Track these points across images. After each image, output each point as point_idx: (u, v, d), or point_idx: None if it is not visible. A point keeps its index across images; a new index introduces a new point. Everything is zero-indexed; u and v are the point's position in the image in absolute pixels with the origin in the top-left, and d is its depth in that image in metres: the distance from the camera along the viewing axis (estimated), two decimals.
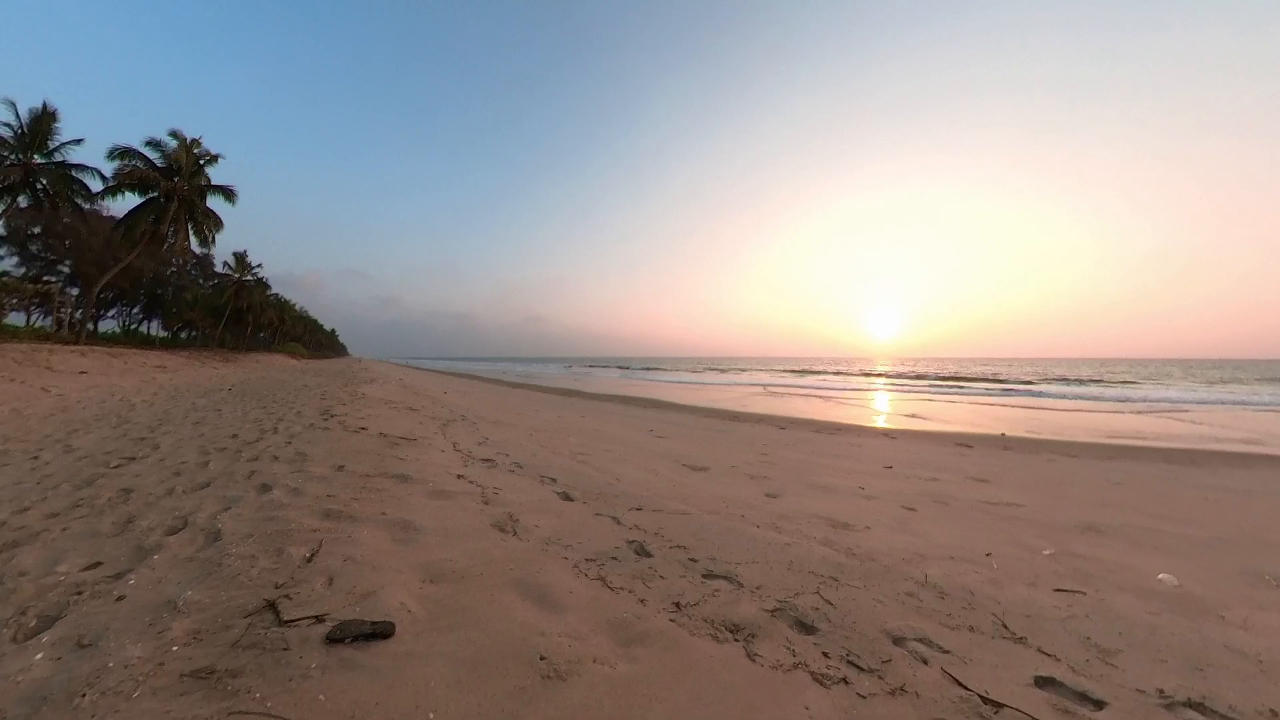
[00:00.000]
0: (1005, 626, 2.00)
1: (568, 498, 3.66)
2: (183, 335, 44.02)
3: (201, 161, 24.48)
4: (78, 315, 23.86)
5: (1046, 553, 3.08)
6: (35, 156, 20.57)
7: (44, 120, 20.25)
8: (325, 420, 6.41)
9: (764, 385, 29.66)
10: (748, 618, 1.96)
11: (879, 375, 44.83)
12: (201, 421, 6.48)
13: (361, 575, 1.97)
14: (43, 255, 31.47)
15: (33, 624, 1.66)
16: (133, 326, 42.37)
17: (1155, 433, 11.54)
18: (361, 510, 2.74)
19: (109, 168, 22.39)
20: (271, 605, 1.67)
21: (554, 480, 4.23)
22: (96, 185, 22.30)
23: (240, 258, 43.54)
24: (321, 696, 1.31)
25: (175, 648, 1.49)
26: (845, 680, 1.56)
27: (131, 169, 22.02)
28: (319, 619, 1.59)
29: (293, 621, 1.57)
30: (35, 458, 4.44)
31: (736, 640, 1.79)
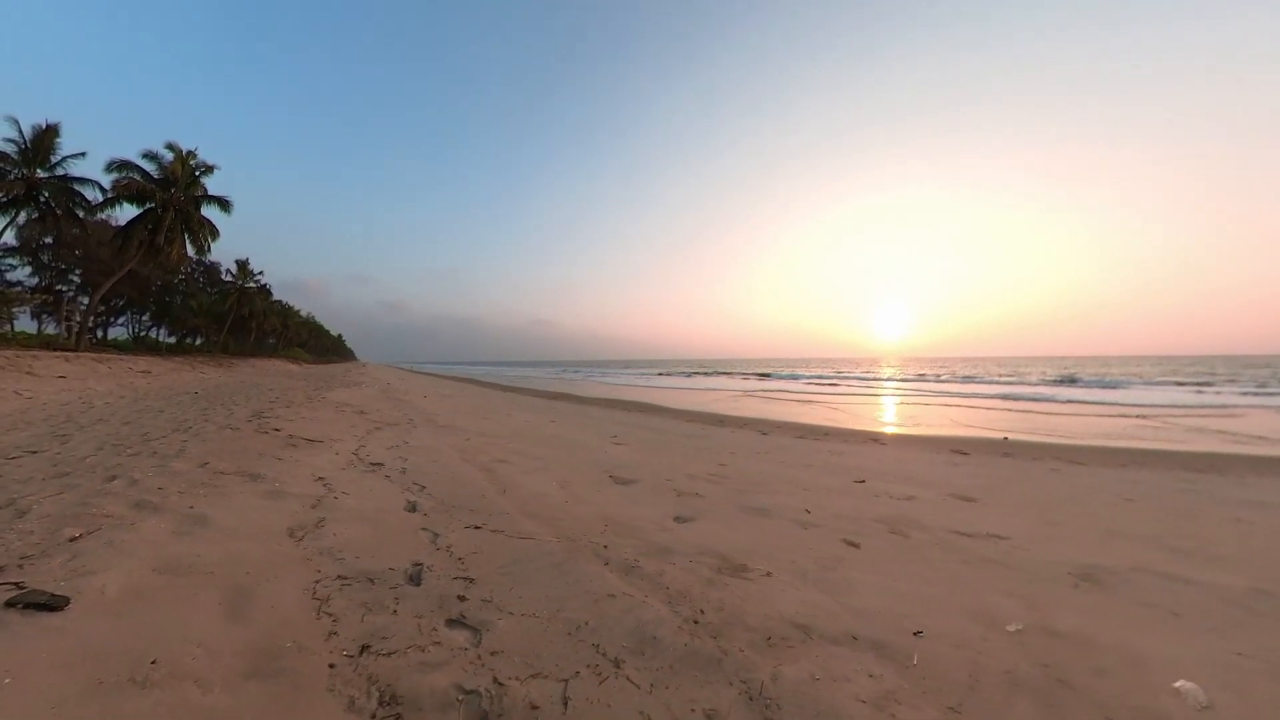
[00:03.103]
0: None
1: (412, 509, 3.68)
2: (188, 341, 45.66)
3: (197, 172, 25.60)
4: (83, 322, 25.06)
5: (1012, 629, 2.30)
6: (38, 171, 21.76)
7: (46, 135, 21.43)
8: (248, 421, 6.84)
9: (763, 388, 29.70)
10: (423, 693, 1.66)
11: (886, 377, 44.42)
12: (133, 421, 6.96)
13: (105, 557, 2.28)
14: (54, 265, 33.07)
15: None
16: (142, 333, 44.10)
17: (1175, 435, 10.83)
18: (175, 503, 3.09)
19: (108, 180, 23.57)
20: None
21: (423, 488, 4.24)
22: (97, 197, 23.49)
23: (242, 265, 45.11)
24: None
25: None
26: None
27: (128, 181, 23.15)
28: (18, 585, 1.93)
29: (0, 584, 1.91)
30: None
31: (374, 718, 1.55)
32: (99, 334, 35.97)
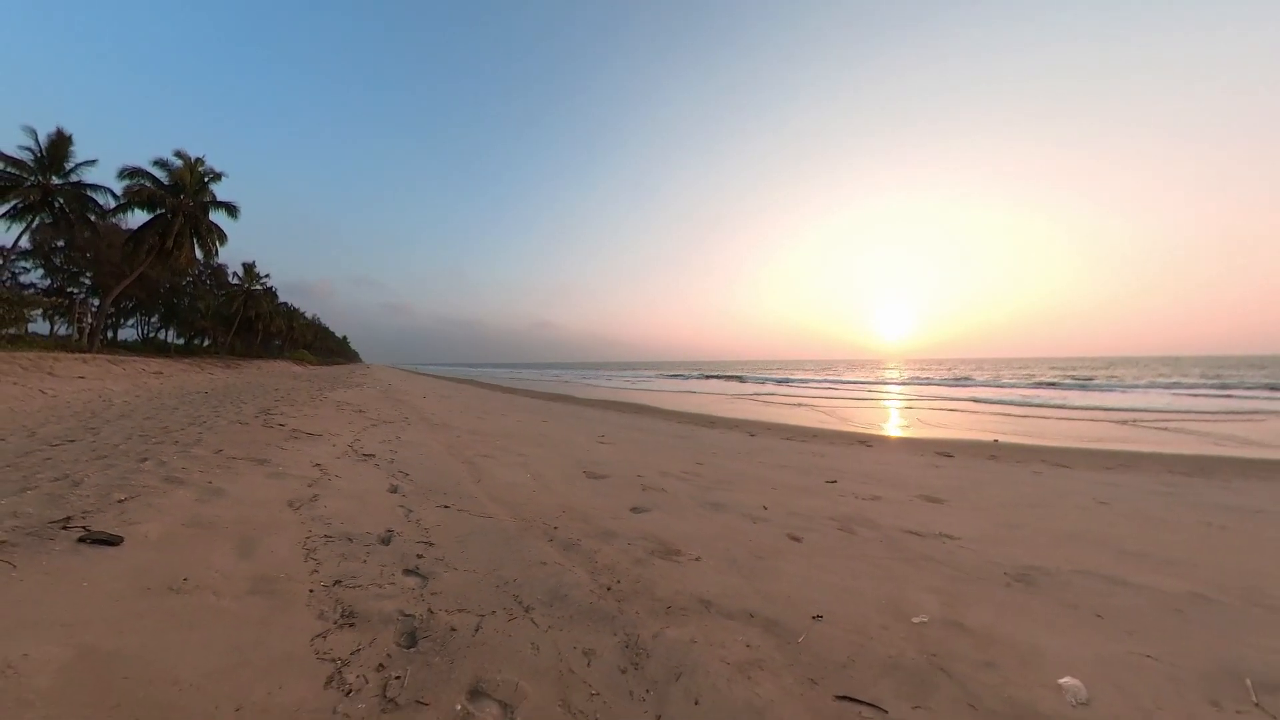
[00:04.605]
0: None
1: (394, 490, 4.27)
2: (196, 343, 47.12)
3: (206, 179, 26.73)
4: (94, 324, 26.27)
5: (917, 620, 2.39)
6: (53, 178, 22.94)
7: (60, 144, 22.60)
8: (255, 417, 7.60)
9: (762, 390, 30.22)
10: (373, 612, 2.20)
11: (887, 379, 44.60)
12: (153, 417, 7.75)
13: (146, 514, 2.99)
14: (65, 268, 34.50)
15: None
16: (151, 335, 45.60)
17: (1174, 439, 10.64)
18: (197, 479, 3.80)
19: (120, 186, 24.73)
20: (67, 518, 2.72)
21: (406, 475, 4.82)
22: (110, 203, 24.68)
23: (249, 268, 46.47)
24: (44, 561, 2.36)
25: None
26: None
27: (140, 188, 24.30)
28: (85, 528, 2.62)
29: (70, 527, 2.62)
30: (2, 440, 5.66)
31: (341, 625, 2.08)
32: (108, 335, 37.36)
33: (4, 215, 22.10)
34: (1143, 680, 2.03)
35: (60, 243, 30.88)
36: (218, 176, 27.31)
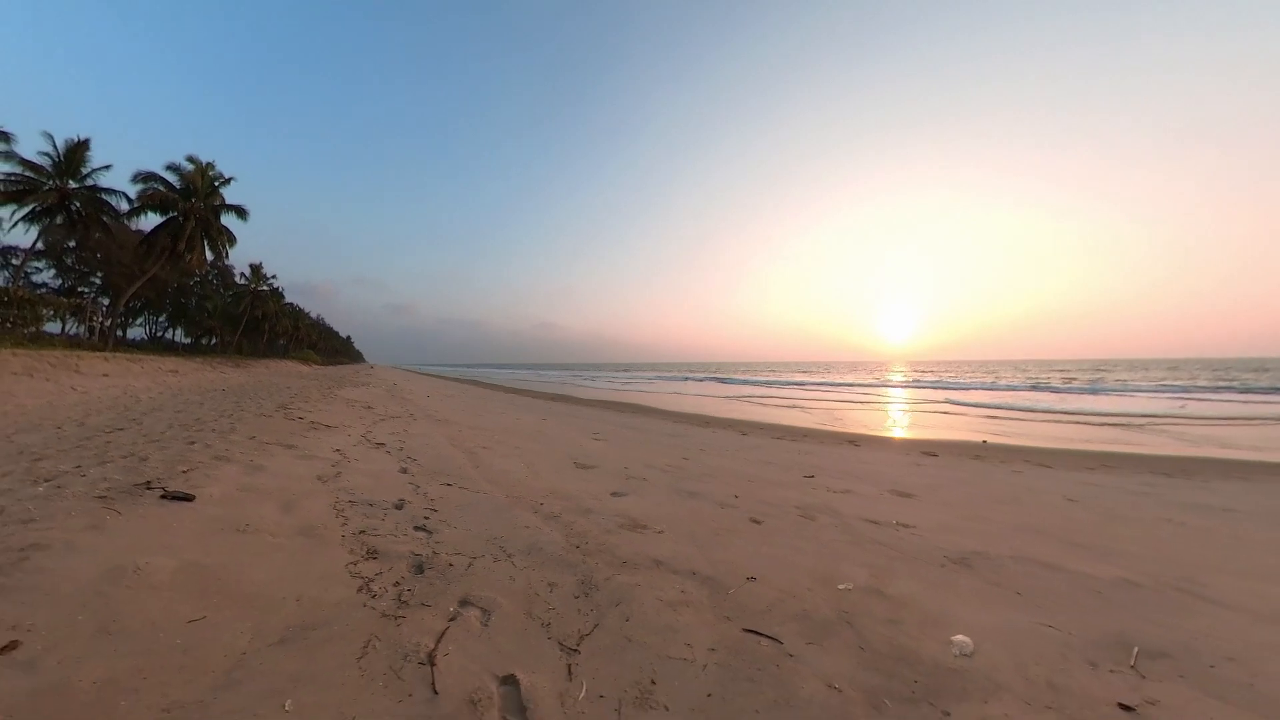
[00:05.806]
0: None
1: (403, 471, 4.99)
2: (204, 342, 48.40)
3: (216, 183, 27.80)
4: (106, 324, 27.36)
5: (841, 587, 2.63)
6: (70, 182, 24.04)
7: (77, 149, 23.68)
8: (276, 411, 8.44)
9: (761, 391, 30.83)
10: (390, 551, 2.79)
11: (892, 382, 44.88)
12: (183, 410, 8.61)
13: (207, 481, 3.79)
14: (77, 268, 35.75)
15: (43, 484, 3.54)
16: (159, 334, 46.91)
17: (1167, 442, 10.44)
18: (239, 456, 4.61)
19: (134, 190, 25.83)
20: (148, 482, 3.53)
21: (414, 460, 5.58)
22: (123, 205, 25.77)
23: (256, 269, 47.69)
24: (139, 510, 3.15)
25: (95, 491, 3.39)
26: None
27: (153, 191, 25.37)
28: (164, 489, 3.43)
29: (152, 488, 3.42)
30: (59, 428, 6.52)
31: (367, 558, 3.03)
32: (118, 334, 38.58)
33: (23, 218, 23.21)
34: (1032, 643, 2.21)
35: (72, 243, 32.08)
36: (227, 180, 28.37)
